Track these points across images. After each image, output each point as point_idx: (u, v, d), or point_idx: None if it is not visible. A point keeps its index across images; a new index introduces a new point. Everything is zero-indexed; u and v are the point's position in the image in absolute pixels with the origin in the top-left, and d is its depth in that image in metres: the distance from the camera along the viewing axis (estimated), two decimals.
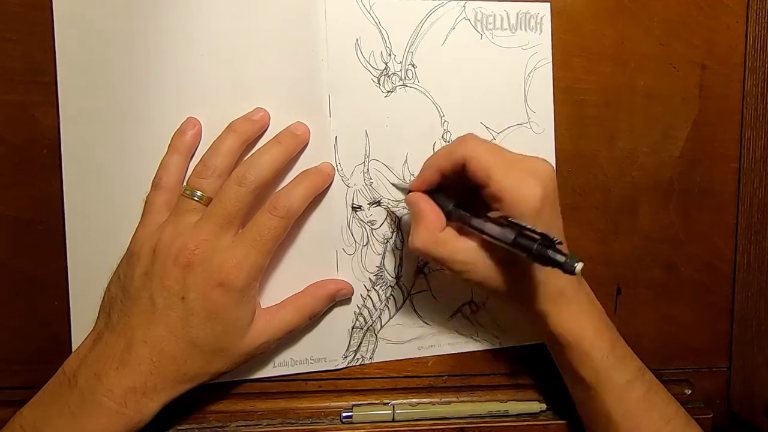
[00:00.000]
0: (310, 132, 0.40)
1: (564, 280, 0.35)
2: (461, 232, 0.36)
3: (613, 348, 0.37)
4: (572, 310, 0.37)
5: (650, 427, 0.37)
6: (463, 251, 0.35)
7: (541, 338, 0.41)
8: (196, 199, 0.37)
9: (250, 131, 0.39)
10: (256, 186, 0.37)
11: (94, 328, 0.37)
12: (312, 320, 0.41)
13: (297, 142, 0.39)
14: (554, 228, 0.35)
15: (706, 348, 0.46)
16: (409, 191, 0.38)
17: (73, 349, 0.37)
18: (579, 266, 0.30)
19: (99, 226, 0.39)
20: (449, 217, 0.36)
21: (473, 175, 0.35)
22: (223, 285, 0.35)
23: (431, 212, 0.36)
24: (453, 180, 0.37)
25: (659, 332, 0.46)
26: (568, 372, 0.39)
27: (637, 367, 0.38)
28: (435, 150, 0.42)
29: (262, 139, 0.40)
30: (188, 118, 0.39)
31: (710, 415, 0.45)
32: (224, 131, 0.39)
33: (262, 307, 0.39)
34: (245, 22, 0.39)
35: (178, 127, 0.39)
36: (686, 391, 0.46)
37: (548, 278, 0.36)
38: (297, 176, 0.39)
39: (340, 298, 0.41)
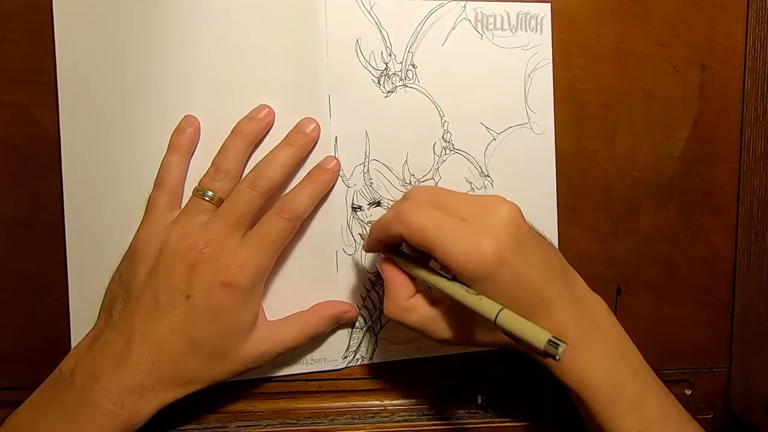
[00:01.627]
0: (320, 128, 0.40)
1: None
2: (432, 295, 0.34)
3: (619, 393, 0.33)
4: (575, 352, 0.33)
5: None
6: (433, 319, 0.33)
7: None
8: (207, 199, 0.37)
9: (255, 131, 0.39)
10: (268, 189, 0.37)
11: (94, 326, 0.37)
12: (312, 340, 0.40)
13: (308, 140, 0.39)
14: (530, 272, 0.31)
15: (706, 348, 0.46)
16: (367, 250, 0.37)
17: None
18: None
19: (99, 226, 0.39)
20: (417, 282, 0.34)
21: (417, 247, 0.32)
22: (227, 285, 0.35)
23: (397, 280, 0.34)
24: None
25: (659, 332, 0.46)
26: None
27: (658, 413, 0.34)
28: (435, 150, 0.42)
29: (264, 140, 0.40)
30: (186, 116, 0.39)
31: (710, 415, 0.45)
32: (231, 134, 0.39)
33: (262, 308, 0.39)
34: (245, 23, 0.39)
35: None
36: (686, 391, 0.46)
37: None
38: (303, 179, 0.40)
39: (343, 321, 0.41)
